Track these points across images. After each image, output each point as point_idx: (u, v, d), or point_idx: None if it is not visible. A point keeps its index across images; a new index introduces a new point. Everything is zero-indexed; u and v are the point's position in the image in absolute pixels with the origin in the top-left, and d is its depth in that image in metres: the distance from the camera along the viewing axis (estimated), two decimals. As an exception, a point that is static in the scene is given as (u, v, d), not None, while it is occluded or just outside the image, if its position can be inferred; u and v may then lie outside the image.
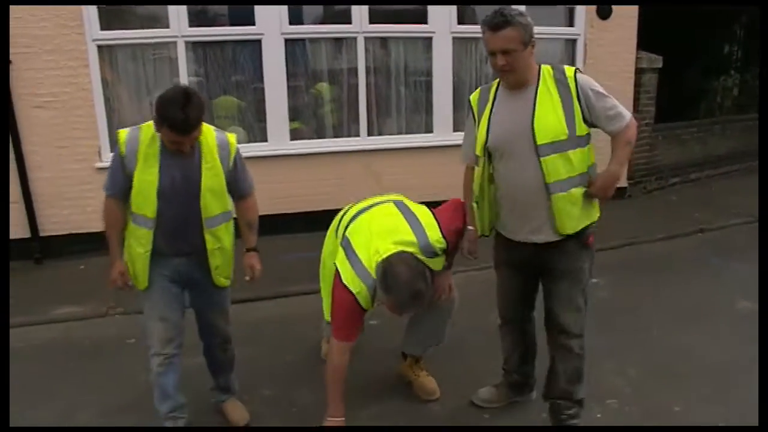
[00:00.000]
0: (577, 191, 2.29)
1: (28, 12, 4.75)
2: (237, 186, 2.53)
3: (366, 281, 2.40)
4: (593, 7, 6.14)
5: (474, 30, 5.86)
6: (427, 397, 2.90)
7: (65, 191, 5.18)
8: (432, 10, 5.66)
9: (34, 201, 5.12)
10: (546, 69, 2.31)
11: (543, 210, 2.29)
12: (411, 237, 2.45)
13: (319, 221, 5.54)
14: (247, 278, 2.67)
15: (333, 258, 2.61)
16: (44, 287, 4.67)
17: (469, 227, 2.58)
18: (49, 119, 5.01)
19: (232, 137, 2.49)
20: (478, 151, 2.38)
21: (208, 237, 2.44)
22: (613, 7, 6.16)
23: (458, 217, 2.61)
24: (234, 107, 5.57)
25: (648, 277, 4.57)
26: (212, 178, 2.37)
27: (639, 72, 6.53)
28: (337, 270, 2.48)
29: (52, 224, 5.20)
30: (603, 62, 6.25)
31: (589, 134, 2.32)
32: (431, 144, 5.88)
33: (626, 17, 6.27)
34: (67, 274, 4.95)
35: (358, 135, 5.73)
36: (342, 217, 2.81)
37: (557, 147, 2.23)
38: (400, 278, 2.25)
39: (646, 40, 6.94)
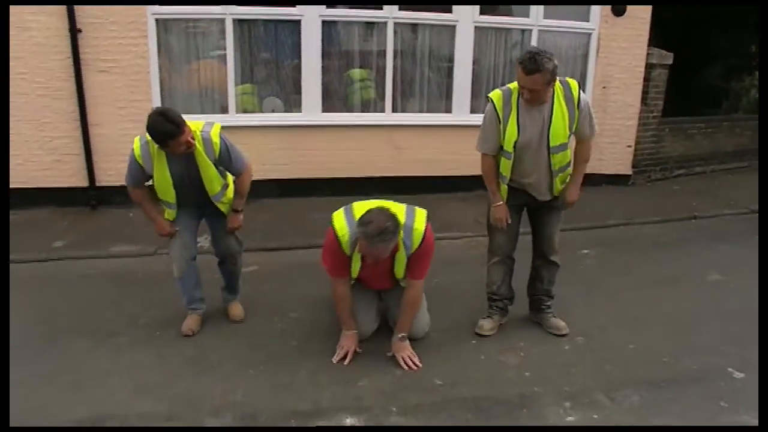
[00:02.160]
0: (566, 173, 3.26)
1: (99, -13, 5.40)
2: (229, 168, 3.27)
3: (351, 227, 2.93)
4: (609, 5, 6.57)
5: (495, 20, 6.39)
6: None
7: (120, 147, 5.78)
8: (457, -1, 6.16)
9: (93, 155, 5.80)
10: (558, 88, 3.02)
11: (547, 182, 3.23)
12: (402, 216, 2.99)
13: (343, 186, 6.19)
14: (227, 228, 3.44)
15: None
16: (102, 229, 5.38)
17: (499, 203, 3.28)
18: (110, 82, 5.67)
19: (215, 134, 3.13)
20: (509, 147, 3.09)
21: (219, 205, 3.34)
22: (628, 6, 6.58)
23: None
24: (250, 89, 6.20)
25: (635, 252, 5.07)
26: (205, 169, 3.15)
27: (649, 67, 6.93)
28: (331, 220, 3.03)
29: (108, 176, 5.88)
30: (615, 56, 6.69)
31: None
32: (449, 123, 6.43)
33: (639, 15, 6.66)
34: (119, 219, 5.64)
35: (383, 111, 6.30)
36: None
37: (561, 147, 3.10)
38: (372, 215, 2.80)
39: (670, 38, 7.30)
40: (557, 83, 2.99)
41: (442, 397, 2.80)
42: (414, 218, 3.02)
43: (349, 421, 2.60)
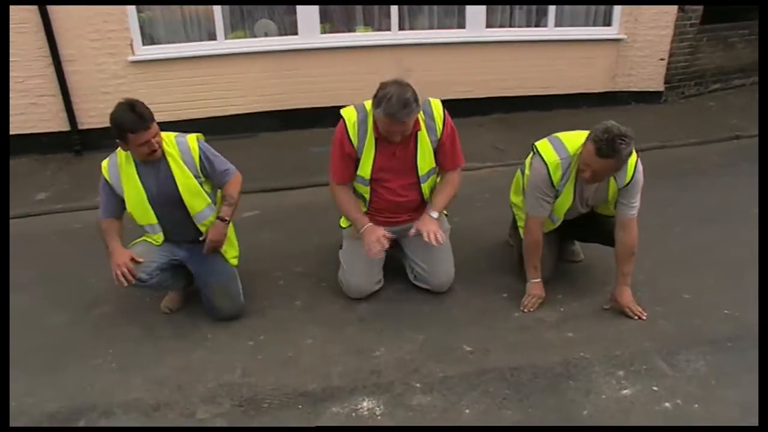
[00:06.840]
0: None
1: None
2: (214, 177, 2.74)
3: (359, 110, 2.72)
4: None
5: None
6: None
7: (101, 85, 5.28)
8: None
9: (72, 95, 5.24)
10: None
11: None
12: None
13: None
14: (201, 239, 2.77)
15: None
16: (88, 176, 4.85)
17: (536, 280, 2.88)
18: (79, 12, 5.00)
19: (192, 140, 2.68)
20: (559, 214, 2.83)
21: (203, 229, 2.74)
22: None
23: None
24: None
25: (675, 179, 4.54)
26: (184, 182, 2.63)
27: (688, -36, 6.10)
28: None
29: (90, 118, 5.35)
30: (650, -45, 5.86)
31: None
32: (463, 40, 5.74)
33: None
34: (107, 165, 5.17)
35: (389, 29, 5.62)
36: None
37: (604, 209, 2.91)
38: (389, 86, 2.50)
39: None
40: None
41: (474, 367, 2.42)
42: (428, 101, 2.75)
43: (366, 404, 2.23)
